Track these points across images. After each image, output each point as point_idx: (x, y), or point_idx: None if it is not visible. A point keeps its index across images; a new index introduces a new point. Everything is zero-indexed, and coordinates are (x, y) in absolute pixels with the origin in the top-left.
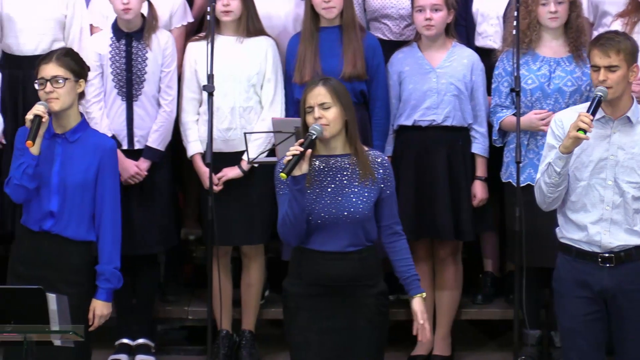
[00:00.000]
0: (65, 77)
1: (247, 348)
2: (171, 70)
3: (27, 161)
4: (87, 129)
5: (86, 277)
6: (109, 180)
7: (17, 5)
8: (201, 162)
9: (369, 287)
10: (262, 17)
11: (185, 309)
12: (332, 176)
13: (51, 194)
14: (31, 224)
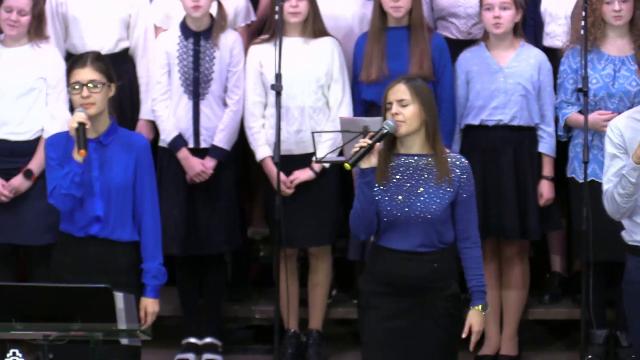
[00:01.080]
0: (101, 81)
1: (314, 347)
2: (238, 70)
3: (74, 169)
4: (117, 130)
5: (134, 278)
6: (147, 177)
7: (82, 6)
8: (272, 164)
9: (440, 289)
10: (328, 18)
11: (253, 308)
12: (409, 175)
13: (95, 199)
14: (75, 230)
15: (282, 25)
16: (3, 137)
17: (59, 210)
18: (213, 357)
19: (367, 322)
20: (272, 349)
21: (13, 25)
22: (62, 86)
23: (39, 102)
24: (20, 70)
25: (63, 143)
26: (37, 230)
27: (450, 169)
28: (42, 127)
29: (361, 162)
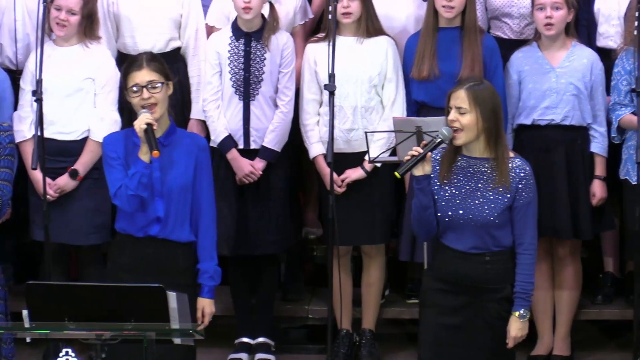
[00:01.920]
0: (160, 81)
1: (367, 347)
2: (289, 71)
3: (141, 170)
4: (177, 131)
5: (192, 278)
6: (205, 178)
7: (133, 5)
8: (324, 163)
9: (492, 291)
10: (382, 18)
11: (306, 308)
12: (469, 177)
13: (156, 200)
14: (135, 231)
15: (335, 25)
16: (50, 136)
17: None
18: (266, 356)
19: (424, 318)
20: (325, 349)
21: (62, 24)
22: (110, 87)
23: (86, 103)
24: (69, 70)
25: (122, 143)
26: (83, 230)
27: (510, 175)
28: (89, 128)
29: (414, 170)
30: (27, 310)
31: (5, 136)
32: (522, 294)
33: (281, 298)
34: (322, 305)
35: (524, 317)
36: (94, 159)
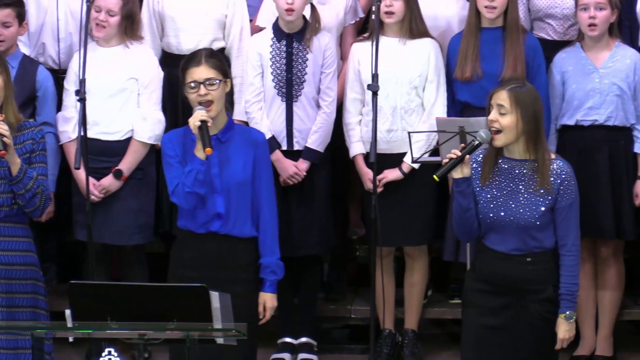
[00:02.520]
0: (217, 78)
1: (410, 347)
2: (331, 72)
3: (196, 167)
4: (235, 126)
5: (254, 273)
6: (265, 173)
7: (178, 5)
8: (363, 162)
9: (534, 292)
10: (427, 18)
11: (349, 308)
12: (510, 179)
13: (215, 196)
14: (196, 227)
15: (378, 25)
16: (94, 136)
17: (149, 211)
18: (308, 356)
19: (466, 319)
20: (367, 349)
21: (101, 25)
22: (154, 86)
23: (130, 103)
24: (111, 71)
25: (181, 141)
26: (127, 230)
27: (551, 176)
28: (132, 128)
29: (453, 172)
30: (69, 310)
31: (37, 131)
32: (568, 296)
33: (324, 298)
34: (364, 305)
35: (571, 318)
36: (137, 159)
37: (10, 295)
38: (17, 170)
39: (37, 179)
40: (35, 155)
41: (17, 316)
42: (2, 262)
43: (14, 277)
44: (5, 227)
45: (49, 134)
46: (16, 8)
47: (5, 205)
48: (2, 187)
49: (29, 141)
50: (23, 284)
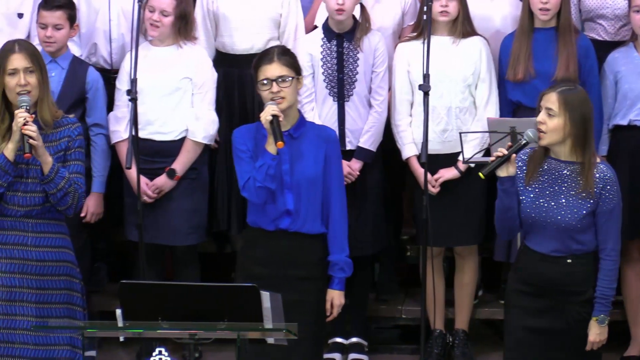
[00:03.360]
0: (290, 75)
1: (460, 347)
2: (382, 71)
3: (267, 162)
4: (306, 124)
5: (322, 271)
6: (335, 170)
7: (232, 5)
8: (417, 163)
9: (574, 294)
10: (478, 18)
11: (399, 308)
12: (553, 180)
13: (285, 193)
14: (266, 224)
15: (430, 25)
16: (147, 136)
17: (202, 211)
18: (359, 356)
19: (508, 320)
20: (418, 349)
21: (155, 25)
22: (207, 87)
23: (183, 103)
24: (165, 70)
25: (252, 135)
26: (182, 230)
27: (594, 181)
28: (186, 128)
29: (499, 171)
30: (120, 310)
31: (74, 128)
32: (602, 300)
33: (375, 298)
34: (415, 305)
35: (603, 322)
36: (191, 159)
37: (42, 292)
38: (48, 169)
39: (69, 179)
40: (71, 153)
41: (49, 312)
42: (35, 258)
43: (47, 273)
44: (38, 224)
45: (99, 135)
46: (67, 10)
47: (38, 203)
48: (35, 186)
49: (65, 139)
50: (56, 280)
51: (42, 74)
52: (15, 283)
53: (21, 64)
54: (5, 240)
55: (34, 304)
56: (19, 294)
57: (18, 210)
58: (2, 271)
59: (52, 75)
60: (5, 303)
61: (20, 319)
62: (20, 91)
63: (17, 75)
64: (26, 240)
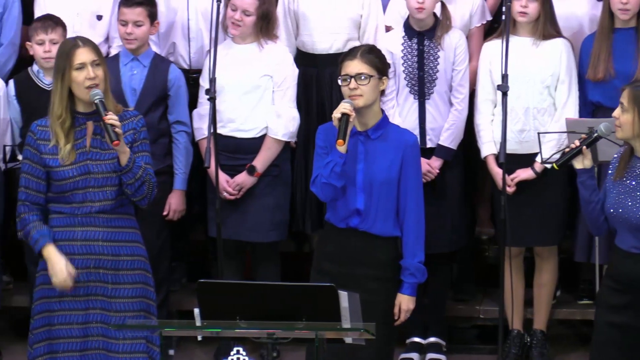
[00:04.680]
0: (369, 74)
1: (538, 348)
2: (463, 69)
3: (335, 159)
4: (388, 126)
5: (392, 273)
6: (412, 175)
7: (313, 4)
8: (494, 163)
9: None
10: (559, 18)
11: (477, 308)
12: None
13: (357, 192)
14: (337, 221)
15: (508, 25)
16: (228, 134)
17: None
18: (437, 356)
19: (596, 317)
20: (495, 349)
21: (236, 24)
22: (288, 84)
23: (264, 100)
24: (246, 68)
25: (333, 132)
26: (263, 227)
27: None
28: (267, 125)
29: (575, 162)
30: (198, 309)
31: (137, 121)
32: None
33: (453, 298)
34: (493, 305)
35: None
36: (271, 156)
37: (118, 286)
38: (126, 159)
39: (144, 168)
40: (138, 145)
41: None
42: (109, 253)
43: (122, 267)
44: (111, 219)
45: (181, 133)
46: (147, 7)
47: (111, 198)
48: (107, 180)
49: (130, 131)
50: (131, 274)
51: (106, 68)
52: (91, 278)
53: (88, 58)
54: (79, 236)
55: (110, 299)
56: (94, 288)
57: (92, 206)
58: (78, 267)
59: (134, 73)
60: (82, 298)
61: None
62: (90, 85)
63: (85, 69)
64: (100, 236)
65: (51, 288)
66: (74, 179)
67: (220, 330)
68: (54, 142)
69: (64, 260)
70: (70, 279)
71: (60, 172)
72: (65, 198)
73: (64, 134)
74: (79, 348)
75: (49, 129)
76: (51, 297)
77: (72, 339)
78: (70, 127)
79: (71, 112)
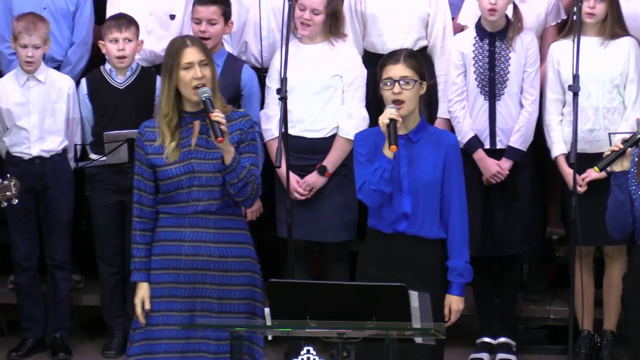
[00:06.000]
0: (413, 78)
1: (608, 349)
2: (534, 70)
3: (383, 165)
4: (427, 128)
5: (440, 275)
6: (455, 176)
7: (381, 4)
8: (565, 163)
9: None
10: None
11: (547, 308)
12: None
13: (403, 196)
14: (384, 227)
15: (579, 25)
16: (298, 134)
17: (353, 208)
18: (507, 356)
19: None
20: (565, 350)
21: (306, 24)
22: (358, 84)
23: (334, 100)
24: (316, 68)
25: (373, 139)
26: (333, 227)
27: None
28: (337, 125)
29: (614, 165)
30: (268, 308)
31: (245, 121)
32: None
33: (523, 298)
34: (563, 305)
35: None
36: (342, 155)
37: (224, 288)
38: (230, 159)
39: (249, 169)
40: (245, 146)
41: (230, 308)
42: (217, 254)
43: (229, 269)
44: (218, 220)
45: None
46: (222, 6)
47: (216, 198)
48: (212, 180)
49: (237, 132)
50: (238, 276)
51: (213, 67)
52: (197, 280)
53: (196, 57)
54: (188, 237)
55: (215, 300)
56: (200, 290)
57: (197, 205)
58: (184, 268)
59: None
60: (186, 299)
61: (201, 315)
62: (197, 84)
63: (193, 69)
64: (209, 237)
65: (152, 287)
66: (178, 177)
67: (291, 330)
68: (160, 142)
69: (144, 300)
70: (142, 317)
71: (165, 171)
72: (171, 198)
73: (169, 133)
74: (181, 350)
75: (156, 130)
76: (153, 298)
77: (173, 339)
78: (176, 126)
79: (178, 111)
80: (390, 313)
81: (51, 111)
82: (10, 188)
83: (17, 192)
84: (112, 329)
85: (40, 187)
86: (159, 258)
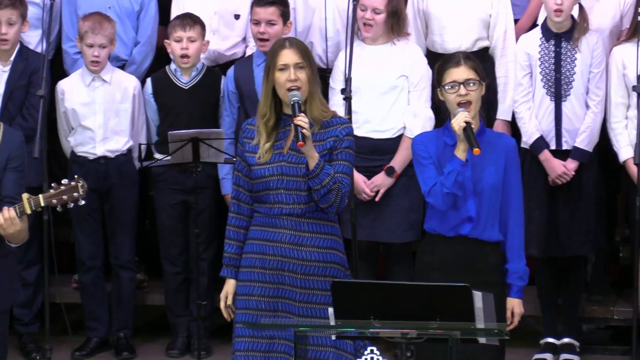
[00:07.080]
0: (476, 79)
1: None
2: (599, 72)
3: (457, 168)
4: (486, 131)
5: (500, 277)
6: (514, 178)
7: (443, 4)
8: (633, 166)
9: None
10: None
11: (611, 309)
12: None
13: (467, 199)
14: (446, 230)
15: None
16: (365, 134)
17: (419, 209)
18: (571, 357)
19: None
20: (629, 350)
21: (368, 24)
22: (424, 84)
23: (400, 100)
24: (381, 69)
25: (433, 142)
26: (399, 227)
27: None
28: (403, 125)
29: None
30: (332, 308)
31: (342, 128)
32: None
33: (587, 299)
34: (627, 306)
35: None
36: (409, 156)
37: (308, 291)
38: (313, 164)
39: (333, 176)
40: (337, 153)
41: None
42: (299, 257)
43: (313, 273)
44: (302, 222)
45: None
46: (280, 7)
47: (302, 202)
48: (299, 184)
49: (332, 138)
50: (322, 280)
51: (312, 71)
52: (282, 281)
53: (292, 60)
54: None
55: (298, 303)
56: (283, 291)
57: (283, 208)
58: (270, 268)
59: None
60: (271, 299)
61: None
62: (290, 87)
63: (287, 71)
64: (288, 239)
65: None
66: (267, 178)
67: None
68: (256, 141)
69: (227, 296)
70: (226, 313)
71: (256, 170)
72: (260, 197)
73: (266, 133)
74: (264, 349)
75: (255, 128)
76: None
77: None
78: (274, 126)
79: (277, 112)
80: (454, 313)
81: (116, 111)
82: (77, 189)
83: (85, 194)
84: (176, 329)
85: (105, 187)
86: (248, 256)
